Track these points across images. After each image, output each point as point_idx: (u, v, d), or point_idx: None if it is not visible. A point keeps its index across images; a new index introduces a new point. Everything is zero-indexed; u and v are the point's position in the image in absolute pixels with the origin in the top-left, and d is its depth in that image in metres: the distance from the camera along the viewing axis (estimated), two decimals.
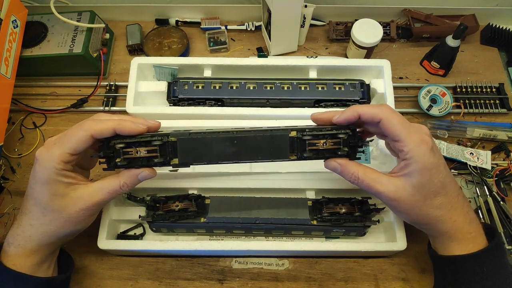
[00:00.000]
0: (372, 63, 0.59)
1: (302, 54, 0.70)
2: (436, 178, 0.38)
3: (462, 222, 0.40)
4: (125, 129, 0.38)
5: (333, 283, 0.50)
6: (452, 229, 0.40)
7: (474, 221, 0.41)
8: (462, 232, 0.40)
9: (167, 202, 0.48)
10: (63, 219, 0.39)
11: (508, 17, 0.70)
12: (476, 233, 0.40)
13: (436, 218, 0.39)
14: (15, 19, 0.58)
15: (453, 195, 0.39)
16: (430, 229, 0.42)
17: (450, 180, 0.40)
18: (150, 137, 0.39)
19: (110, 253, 0.51)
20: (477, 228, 0.41)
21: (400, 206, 0.39)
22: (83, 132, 0.38)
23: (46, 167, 0.37)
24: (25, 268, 0.39)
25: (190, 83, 0.57)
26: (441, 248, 0.42)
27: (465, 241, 0.40)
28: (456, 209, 0.40)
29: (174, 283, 0.51)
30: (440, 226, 0.40)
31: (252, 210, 0.49)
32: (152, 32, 0.69)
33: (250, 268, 0.51)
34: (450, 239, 0.40)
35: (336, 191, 0.51)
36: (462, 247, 0.40)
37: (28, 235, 0.39)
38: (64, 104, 0.64)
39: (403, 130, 0.37)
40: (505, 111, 0.63)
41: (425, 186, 0.38)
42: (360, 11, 0.69)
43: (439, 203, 0.39)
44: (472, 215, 0.41)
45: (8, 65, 0.56)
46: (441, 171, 0.38)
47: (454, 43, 0.61)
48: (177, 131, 0.40)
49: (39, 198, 0.38)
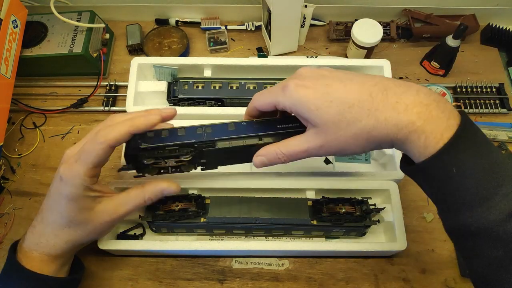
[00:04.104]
0: (372, 63, 0.59)
1: (302, 54, 0.70)
2: (323, 104, 0.33)
3: (395, 115, 0.31)
4: (139, 128, 0.38)
5: (333, 283, 0.50)
6: (392, 131, 0.31)
7: (412, 106, 0.31)
8: (404, 127, 0.31)
9: (167, 202, 0.48)
10: (88, 231, 0.41)
11: (508, 17, 0.70)
12: (426, 117, 0.30)
13: (367, 131, 0.32)
14: (15, 19, 0.58)
15: (361, 100, 0.32)
16: (380, 148, 0.35)
17: (345, 91, 0.33)
18: (179, 148, 0.39)
19: (110, 253, 0.51)
20: (424, 111, 0.31)
21: (330, 146, 0.35)
22: (100, 146, 0.37)
23: (74, 184, 0.37)
24: (50, 272, 0.41)
25: (190, 83, 0.57)
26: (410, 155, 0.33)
27: (417, 135, 0.31)
28: (377, 109, 0.32)
29: (174, 283, 0.51)
30: (380, 135, 0.32)
31: (252, 210, 0.49)
32: (152, 32, 0.69)
33: (250, 268, 0.51)
34: (406, 141, 0.32)
35: (336, 191, 0.51)
36: (424, 143, 0.30)
37: (53, 244, 0.40)
38: (64, 104, 0.64)
39: (267, 97, 0.37)
40: (505, 111, 0.63)
41: (322, 119, 0.33)
42: (360, 11, 0.69)
43: (351, 118, 0.32)
44: (407, 101, 0.31)
45: (8, 65, 0.56)
46: (323, 94, 0.33)
47: (454, 43, 0.61)
48: (199, 136, 0.40)
49: (65, 212, 0.39)
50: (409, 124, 0.30)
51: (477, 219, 0.29)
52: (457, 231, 0.32)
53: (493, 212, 0.29)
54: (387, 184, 0.50)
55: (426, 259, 0.52)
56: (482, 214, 0.29)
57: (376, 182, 0.50)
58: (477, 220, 0.29)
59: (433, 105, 0.30)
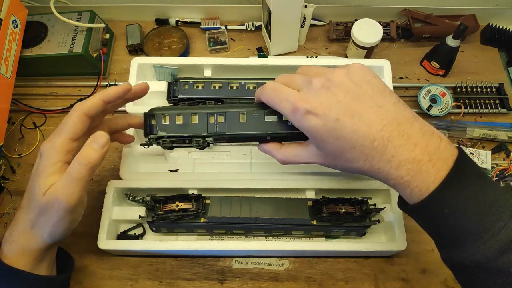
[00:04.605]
0: (372, 63, 0.59)
1: (302, 54, 0.70)
2: (328, 139, 0.35)
3: (387, 168, 0.34)
4: (111, 94, 0.40)
5: (333, 283, 0.50)
6: (382, 178, 0.35)
7: (405, 163, 0.33)
8: (393, 179, 0.34)
9: (167, 202, 0.48)
10: (44, 216, 0.38)
11: (508, 17, 0.70)
12: (414, 174, 0.33)
13: (359, 171, 0.36)
14: (15, 19, 0.58)
15: (363, 146, 0.34)
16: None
17: (351, 130, 0.34)
18: (190, 139, 0.42)
19: (110, 253, 0.51)
20: (414, 168, 0.33)
21: (326, 166, 0.39)
22: (76, 113, 0.38)
23: (52, 158, 0.37)
24: (21, 266, 0.38)
25: (190, 83, 0.57)
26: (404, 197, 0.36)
27: (403, 187, 0.34)
28: (374, 158, 0.34)
29: (174, 283, 0.51)
30: (371, 175, 0.35)
31: (252, 210, 0.49)
32: (152, 32, 0.69)
33: (250, 268, 0.51)
34: (394, 187, 0.35)
35: (336, 191, 0.51)
36: (410, 194, 0.34)
37: (21, 230, 0.39)
38: (64, 104, 0.64)
39: (277, 104, 0.38)
40: (505, 111, 0.63)
41: (325, 148, 0.36)
42: (360, 11, 0.69)
43: (350, 157, 0.35)
44: (401, 157, 0.33)
45: (8, 65, 0.56)
46: (331, 130, 0.34)
47: (454, 43, 0.61)
48: (212, 127, 0.42)
49: (30, 191, 0.38)
50: (397, 178, 0.34)
51: (472, 254, 0.31)
52: (454, 264, 0.34)
53: (485, 249, 0.30)
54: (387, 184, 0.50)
55: (426, 259, 0.52)
56: (476, 250, 0.31)
57: (376, 182, 0.50)
58: (471, 255, 0.31)
59: (426, 159, 0.32)
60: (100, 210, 0.49)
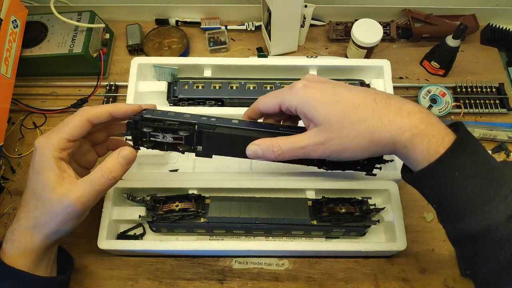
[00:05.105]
0: (372, 63, 0.59)
1: (302, 54, 0.70)
2: (329, 104, 0.34)
3: (398, 118, 0.33)
4: (120, 110, 0.40)
5: (333, 283, 0.50)
6: (395, 133, 0.33)
7: (414, 112, 0.33)
8: (408, 130, 0.33)
9: (167, 202, 0.48)
10: (50, 215, 0.37)
11: (508, 17, 0.70)
12: (428, 123, 0.32)
13: (368, 131, 0.34)
14: (15, 19, 0.58)
15: (366, 104, 0.34)
16: (380, 152, 0.36)
17: (349, 95, 0.34)
18: (179, 124, 0.40)
19: (110, 253, 0.51)
20: (426, 118, 0.33)
21: (331, 145, 0.35)
22: (80, 117, 0.38)
23: (44, 154, 0.37)
24: (21, 266, 0.38)
25: (190, 83, 0.57)
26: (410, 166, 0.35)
27: (420, 138, 0.32)
28: (381, 111, 0.33)
29: (174, 283, 0.51)
30: (384, 137, 0.34)
31: (252, 210, 0.49)
32: (152, 32, 0.69)
33: (250, 268, 0.51)
34: (400, 148, 0.34)
35: (336, 191, 0.51)
36: (427, 147, 0.32)
37: (23, 228, 0.38)
38: (64, 104, 0.64)
39: (274, 96, 0.39)
40: (505, 111, 0.63)
41: (327, 118, 0.34)
42: (360, 11, 0.69)
43: (355, 118, 0.34)
44: (408, 108, 0.33)
45: (8, 65, 0.56)
46: (330, 94, 0.34)
47: (454, 43, 0.61)
48: (202, 120, 0.41)
49: (33, 188, 0.38)
50: (413, 127, 0.32)
51: (478, 222, 0.30)
52: (459, 236, 0.32)
53: (494, 215, 0.29)
54: (387, 184, 0.50)
55: (426, 259, 0.52)
56: (483, 217, 0.30)
57: (376, 182, 0.50)
58: (478, 224, 0.30)
59: (431, 115, 0.33)
60: (100, 210, 0.49)
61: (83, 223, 0.42)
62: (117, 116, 0.40)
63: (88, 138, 0.44)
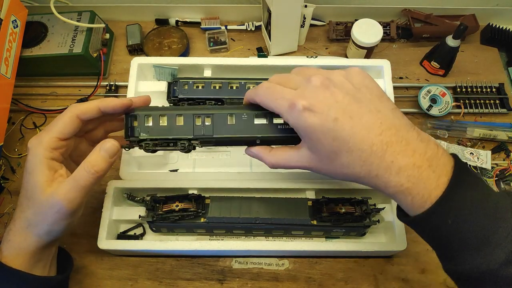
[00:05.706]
0: (372, 63, 0.59)
1: (302, 54, 0.70)
2: (325, 139, 0.33)
3: (386, 175, 0.32)
4: (108, 105, 0.39)
5: (333, 283, 0.50)
6: (380, 186, 0.33)
7: (405, 169, 0.32)
8: (392, 187, 0.32)
9: (167, 202, 0.48)
10: (41, 215, 0.38)
11: (508, 17, 0.70)
12: (415, 180, 0.31)
13: (355, 177, 0.34)
14: (15, 19, 0.58)
15: (361, 150, 0.32)
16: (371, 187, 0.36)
17: (350, 133, 0.32)
18: (175, 143, 0.41)
19: (110, 253, 0.51)
20: (415, 175, 0.32)
21: (319, 171, 0.36)
22: (68, 114, 0.38)
23: (35, 154, 0.37)
24: (18, 266, 0.38)
25: (190, 83, 0.57)
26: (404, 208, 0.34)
27: (404, 195, 0.32)
28: (372, 163, 0.32)
29: (174, 283, 0.51)
30: (368, 183, 0.34)
31: (252, 210, 0.49)
32: (152, 32, 0.69)
33: (250, 268, 0.51)
34: (393, 196, 0.33)
35: (336, 191, 0.51)
36: (411, 202, 0.32)
37: (18, 228, 0.38)
38: (64, 104, 0.64)
39: (273, 102, 0.36)
40: (505, 111, 0.63)
41: (320, 149, 0.34)
42: (360, 11, 0.69)
43: (346, 161, 0.33)
44: (401, 163, 0.32)
45: (8, 65, 0.56)
46: (328, 130, 0.33)
47: (454, 43, 0.61)
48: (197, 130, 0.41)
49: (26, 189, 0.38)
50: (397, 185, 0.32)
51: (478, 265, 0.30)
52: (459, 276, 0.32)
53: (494, 257, 0.29)
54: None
55: (425, 259, 0.52)
56: (483, 259, 0.30)
57: None
58: (478, 266, 0.30)
59: (425, 165, 0.31)
60: (100, 210, 0.49)
61: (83, 223, 0.42)
62: (106, 111, 0.39)
63: (85, 137, 0.44)
